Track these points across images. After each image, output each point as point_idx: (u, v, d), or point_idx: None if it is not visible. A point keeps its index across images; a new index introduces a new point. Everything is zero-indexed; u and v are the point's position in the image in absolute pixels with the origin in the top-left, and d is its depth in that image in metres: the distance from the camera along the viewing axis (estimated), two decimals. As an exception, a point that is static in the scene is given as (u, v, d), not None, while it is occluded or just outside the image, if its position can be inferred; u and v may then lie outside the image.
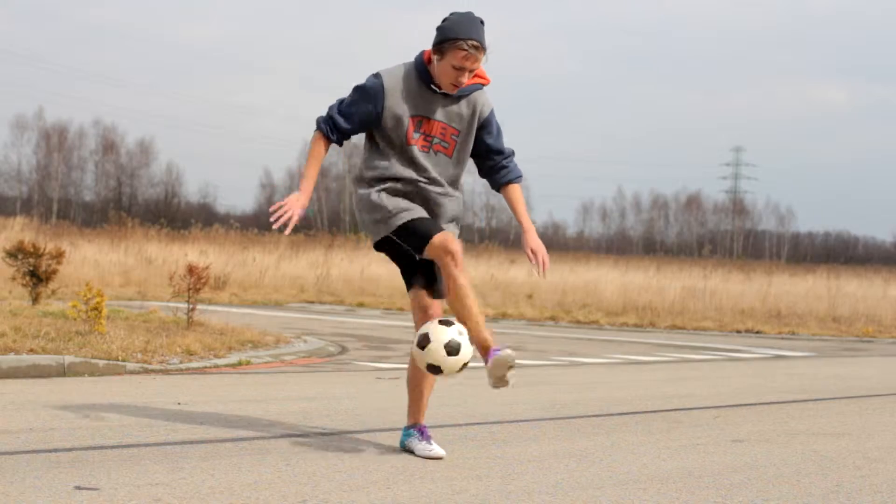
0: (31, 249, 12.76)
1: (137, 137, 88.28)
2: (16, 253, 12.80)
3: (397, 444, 5.25)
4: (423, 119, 5.02)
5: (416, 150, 5.01)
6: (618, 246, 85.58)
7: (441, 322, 4.77)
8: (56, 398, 6.40)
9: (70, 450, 4.73)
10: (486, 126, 5.13)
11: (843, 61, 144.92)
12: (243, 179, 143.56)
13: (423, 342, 4.71)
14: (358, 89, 5.01)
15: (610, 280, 27.18)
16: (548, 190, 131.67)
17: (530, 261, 5.06)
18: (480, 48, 4.89)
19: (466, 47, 4.85)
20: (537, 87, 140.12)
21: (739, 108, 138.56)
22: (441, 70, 4.92)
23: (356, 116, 5.01)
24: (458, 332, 4.73)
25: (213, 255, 25.71)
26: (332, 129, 5.02)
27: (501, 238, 68.95)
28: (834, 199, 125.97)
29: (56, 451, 4.70)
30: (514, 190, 5.19)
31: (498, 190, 5.22)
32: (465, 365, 4.76)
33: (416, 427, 5.14)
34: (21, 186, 73.21)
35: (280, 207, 4.88)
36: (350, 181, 67.10)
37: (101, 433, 5.20)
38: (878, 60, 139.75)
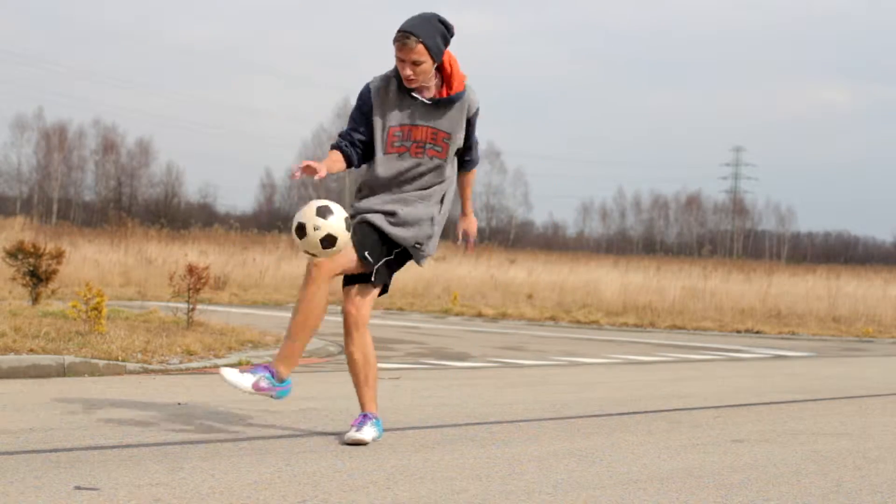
0: (31, 249, 12.75)
1: (137, 137, 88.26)
2: (16, 253, 12.79)
3: (397, 444, 5.25)
4: (409, 127, 5.15)
5: (395, 158, 5.15)
6: (618, 246, 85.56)
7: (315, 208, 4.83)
8: (56, 398, 6.40)
9: (70, 450, 4.73)
10: (470, 125, 5.31)
11: (844, 61, 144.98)
12: (243, 179, 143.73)
13: (300, 231, 4.80)
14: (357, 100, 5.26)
15: (610, 280, 27.17)
16: (548, 190, 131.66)
17: (460, 239, 5.56)
18: (408, 35, 4.97)
19: (397, 37, 4.99)
20: (538, 87, 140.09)
21: (739, 108, 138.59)
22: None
23: (359, 121, 5.20)
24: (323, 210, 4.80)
25: (213, 255, 25.72)
26: (347, 140, 5.20)
27: (501, 238, 68.97)
28: (834, 199, 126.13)
29: (56, 451, 4.70)
30: (470, 174, 5.53)
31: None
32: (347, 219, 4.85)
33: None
34: (21, 186, 73.26)
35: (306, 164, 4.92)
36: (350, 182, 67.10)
37: (101, 433, 5.20)
38: (879, 60, 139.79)
